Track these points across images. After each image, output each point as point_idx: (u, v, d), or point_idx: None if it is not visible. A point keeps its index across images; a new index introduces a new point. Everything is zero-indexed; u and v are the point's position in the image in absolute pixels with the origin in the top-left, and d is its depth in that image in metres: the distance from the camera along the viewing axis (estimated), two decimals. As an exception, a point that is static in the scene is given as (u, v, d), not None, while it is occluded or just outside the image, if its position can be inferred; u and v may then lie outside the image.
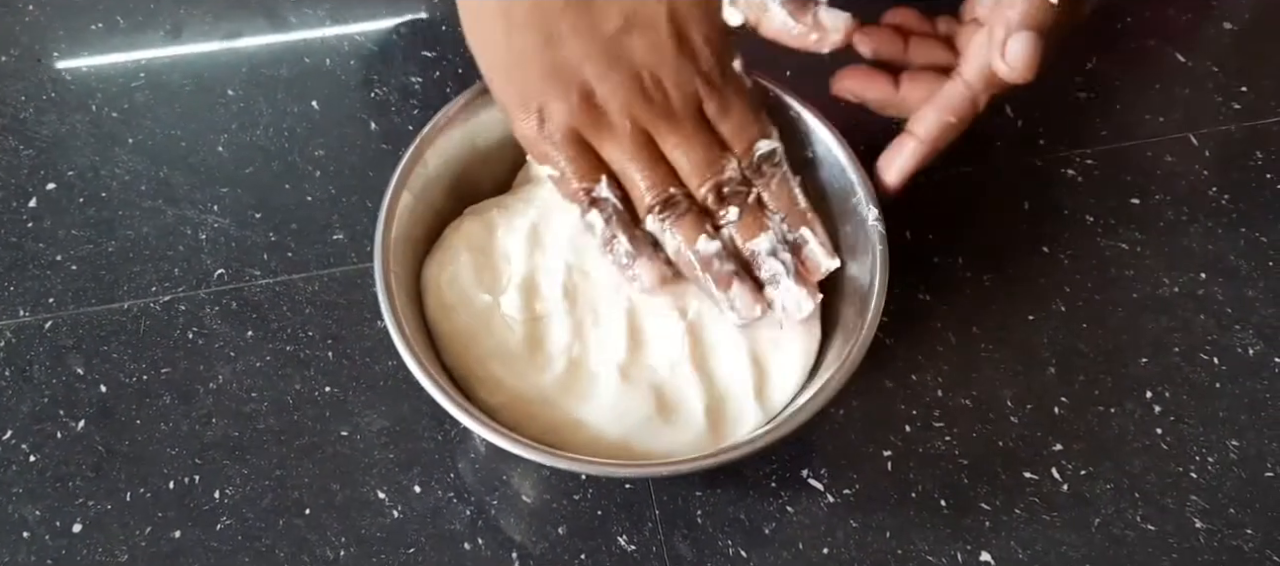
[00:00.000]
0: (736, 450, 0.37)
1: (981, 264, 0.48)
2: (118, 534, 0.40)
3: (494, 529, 0.41)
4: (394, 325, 0.37)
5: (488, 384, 0.39)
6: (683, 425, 0.39)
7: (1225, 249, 0.49)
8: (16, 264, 0.46)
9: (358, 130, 0.51)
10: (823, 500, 0.42)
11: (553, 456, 0.35)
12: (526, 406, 0.39)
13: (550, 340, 0.40)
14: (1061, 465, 0.43)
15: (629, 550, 0.41)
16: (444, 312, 0.40)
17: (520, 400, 0.39)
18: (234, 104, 0.51)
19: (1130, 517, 0.42)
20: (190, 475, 0.42)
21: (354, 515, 0.41)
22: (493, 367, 0.39)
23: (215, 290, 0.46)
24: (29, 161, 0.49)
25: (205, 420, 0.43)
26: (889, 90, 0.42)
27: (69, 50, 0.53)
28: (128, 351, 0.44)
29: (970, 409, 0.44)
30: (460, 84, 0.52)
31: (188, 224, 0.48)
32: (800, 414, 0.37)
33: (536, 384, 0.39)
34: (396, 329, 0.37)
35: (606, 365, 0.39)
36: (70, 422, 0.43)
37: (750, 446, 0.36)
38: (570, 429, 0.38)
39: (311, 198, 0.49)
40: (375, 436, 0.43)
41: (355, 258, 0.47)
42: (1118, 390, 0.45)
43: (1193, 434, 0.44)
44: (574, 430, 0.38)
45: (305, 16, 0.55)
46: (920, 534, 0.41)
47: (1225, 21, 0.57)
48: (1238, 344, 0.46)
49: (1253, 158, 0.52)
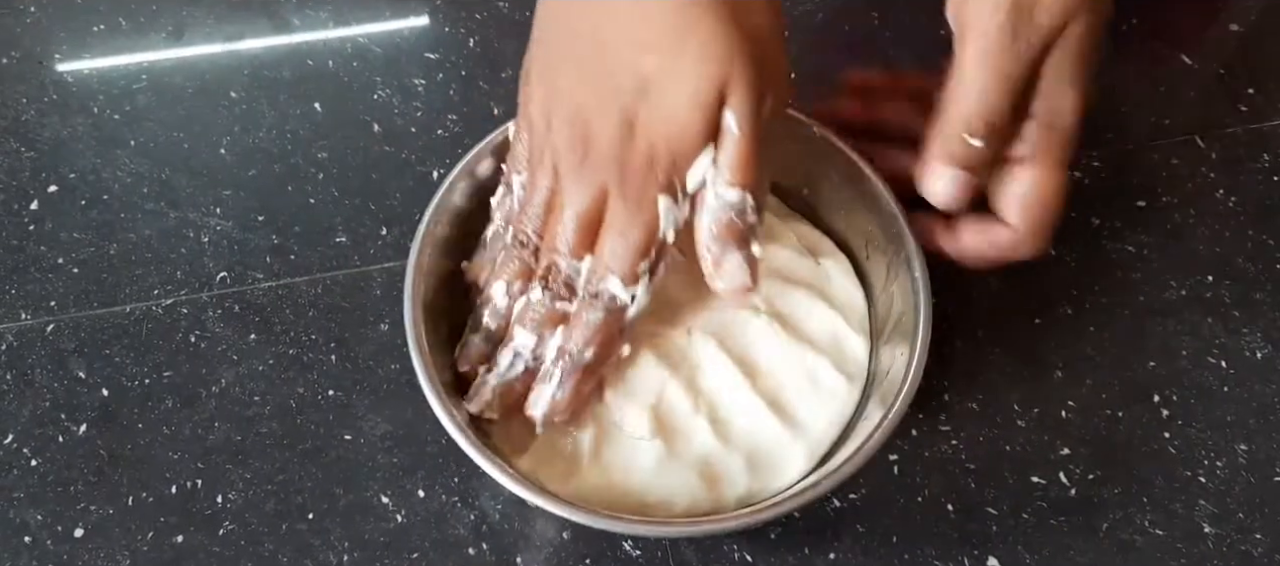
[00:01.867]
0: (776, 505, 0.36)
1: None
2: (119, 538, 0.40)
3: (497, 534, 0.41)
4: (423, 370, 0.37)
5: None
6: (726, 484, 0.38)
7: (1232, 251, 0.49)
8: (18, 267, 0.46)
9: (361, 132, 0.51)
10: (829, 505, 0.42)
11: (591, 516, 0.35)
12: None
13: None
14: (1069, 469, 0.43)
15: (634, 555, 0.40)
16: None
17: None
18: (236, 106, 0.51)
19: (1139, 522, 0.42)
20: (192, 479, 0.41)
21: (357, 520, 0.41)
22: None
23: (218, 293, 0.46)
24: (30, 164, 0.49)
25: (207, 424, 0.43)
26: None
27: (71, 52, 0.53)
28: (130, 355, 0.44)
29: (977, 413, 0.44)
30: (463, 86, 0.52)
31: (190, 226, 0.48)
32: (846, 468, 0.36)
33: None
34: (425, 375, 0.37)
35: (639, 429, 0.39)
36: (72, 426, 0.43)
37: (798, 499, 0.36)
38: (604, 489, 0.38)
39: (314, 200, 0.49)
40: (378, 440, 0.42)
41: (358, 260, 0.47)
42: (1125, 394, 0.45)
43: (1201, 438, 0.44)
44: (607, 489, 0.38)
45: (308, 18, 0.55)
46: (927, 538, 0.41)
47: (1232, 24, 0.57)
48: (1246, 347, 0.46)
49: (1259, 160, 0.52)
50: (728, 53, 0.34)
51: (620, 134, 0.35)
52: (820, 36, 0.38)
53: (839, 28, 0.55)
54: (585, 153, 0.36)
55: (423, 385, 0.36)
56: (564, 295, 0.37)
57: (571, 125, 0.36)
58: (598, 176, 0.36)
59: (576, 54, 0.36)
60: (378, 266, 0.47)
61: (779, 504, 0.36)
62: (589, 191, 0.36)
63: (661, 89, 0.34)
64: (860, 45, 0.55)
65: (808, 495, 0.36)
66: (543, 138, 0.37)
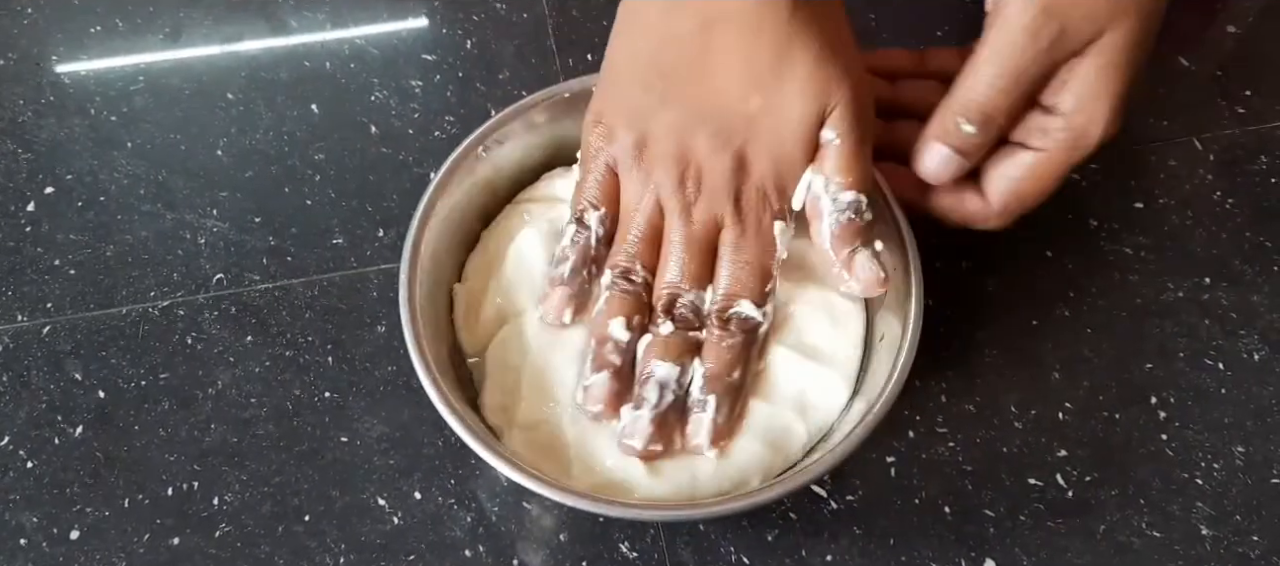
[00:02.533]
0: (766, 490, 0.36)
1: (985, 268, 0.47)
2: (116, 540, 0.40)
3: (495, 536, 0.41)
4: (422, 367, 0.37)
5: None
6: (790, 439, 0.39)
7: (1230, 253, 0.49)
8: (14, 268, 0.46)
9: (358, 134, 0.51)
10: (825, 506, 0.42)
11: (591, 502, 0.35)
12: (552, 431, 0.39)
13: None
14: (1066, 471, 0.43)
15: (631, 557, 0.40)
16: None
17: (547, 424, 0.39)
18: (233, 108, 0.51)
19: (1136, 524, 0.42)
20: (189, 481, 0.41)
21: (354, 521, 0.41)
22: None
23: (214, 295, 0.46)
24: (27, 165, 0.49)
25: (204, 426, 0.43)
26: (880, 131, 0.41)
27: (68, 54, 0.53)
28: (126, 356, 0.44)
29: (974, 414, 0.44)
30: (460, 87, 0.52)
31: (187, 228, 0.48)
32: (828, 457, 0.36)
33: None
34: (427, 377, 0.37)
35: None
36: (68, 428, 0.42)
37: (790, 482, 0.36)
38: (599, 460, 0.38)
39: (311, 202, 0.49)
40: (375, 442, 0.42)
41: (355, 262, 0.47)
42: (1122, 396, 0.45)
43: (1198, 440, 0.44)
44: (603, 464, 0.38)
45: (305, 20, 0.55)
46: (924, 540, 0.41)
47: (1229, 25, 0.57)
48: (1243, 349, 0.46)
49: (1257, 162, 0.52)
50: (825, 85, 0.37)
51: (733, 169, 0.38)
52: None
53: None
54: (697, 189, 0.38)
55: (423, 383, 0.36)
56: (694, 324, 0.38)
57: (679, 165, 0.38)
58: (712, 210, 0.38)
59: (676, 96, 0.38)
60: (374, 268, 0.47)
61: (784, 480, 0.37)
62: (703, 224, 0.38)
63: (769, 125, 0.37)
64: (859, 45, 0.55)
65: (816, 469, 0.36)
66: (638, 178, 0.39)
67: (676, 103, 0.38)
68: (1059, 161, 0.40)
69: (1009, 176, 0.40)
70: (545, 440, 0.38)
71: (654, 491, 0.37)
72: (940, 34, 0.55)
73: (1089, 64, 0.38)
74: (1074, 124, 0.39)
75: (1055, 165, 0.40)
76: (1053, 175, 0.40)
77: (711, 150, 0.38)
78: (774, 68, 0.37)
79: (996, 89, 0.38)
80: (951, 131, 0.39)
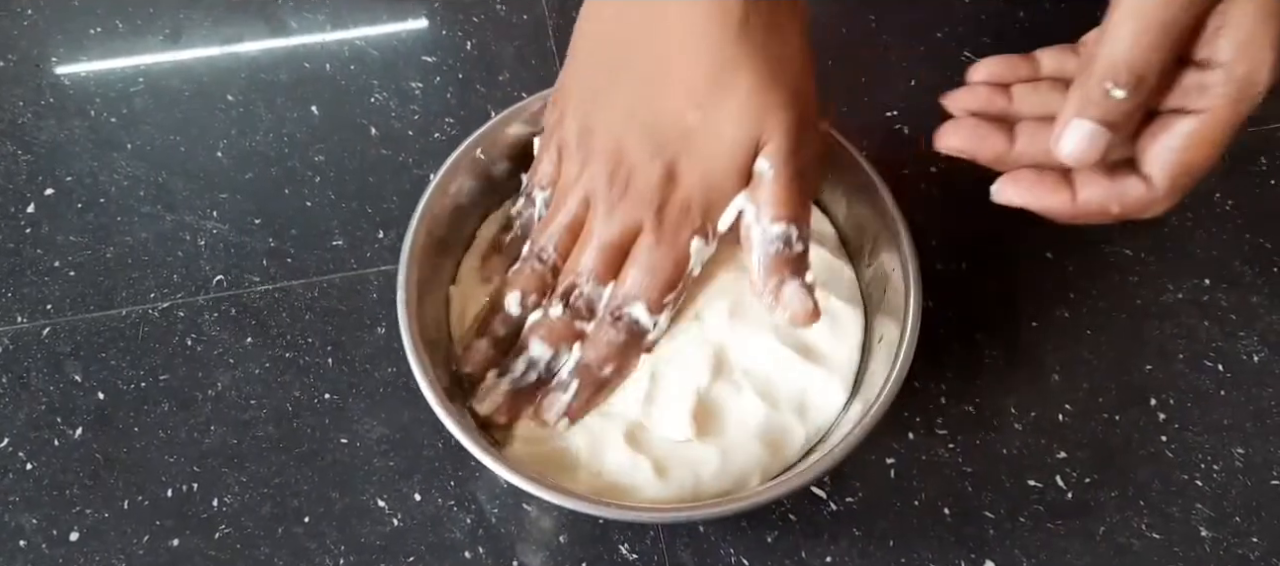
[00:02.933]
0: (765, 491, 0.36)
1: (985, 270, 0.48)
2: (115, 542, 0.40)
3: (494, 537, 0.41)
4: (419, 367, 0.37)
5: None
6: (787, 440, 0.39)
7: (1229, 255, 0.49)
8: (14, 270, 0.46)
9: (358, 135, 0.51)
10: (825, 508, 0.42)
11: (592, 504, 0.35)
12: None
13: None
14: (1066, 473, 0.43)
15: (631, 559, 0.40)
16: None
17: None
18: (233, 109, 0.51)
19: (1135, 526, 0.42)
20: (188, 483, 0.41)
21: (353, 523, 0.41)
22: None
23: (214, 296, 0.46)
24: (27, 167, 0.49)
25: (204, 427, 0.43)
26: (1004, 146, 0.36)
27: (68, 55, 0.53)
28: (126, 358, 0.44)
29: (973, 416, 0.44)
30: (460, 89, 0.52)
31: (186, 230, 0.48)
32: (826, 459, 0.36)
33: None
34: (425, 379, 0.37)
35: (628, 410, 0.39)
36: (68, 430, 0.42)
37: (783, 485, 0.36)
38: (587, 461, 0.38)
39: (311, 203, 0.49)
40: (375, 444, 0.42)
41: (355, 263, 0.47)
42: (1122, 397, 0.45)
43: (1198, 441, 0.44)
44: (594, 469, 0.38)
45: (305, 21, 0.55)
46: (923, 542, 0.41)
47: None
48: (1242, 350, 0.46)
49: (1257, 163, 0.52)
50: (762, 111, 0.36)
51: (661, 179, 0.37)
52: (817, 39, 0.38)
53: (836, 31, 0.55)
54: (624, 191, 0.38)
55: (421, 385, 0.36)
56: (584, 315, 0.39)
57: (611, 162, 0.38)
58: (634, 214, 0.38)
59: (621, 92, 0.38)
60: (374, 270, 0.47)
61: (786, 481, 0.37)
62: (622, 225, 0.38)
63: (703, 143, 0.37)
64: (858, 47, 0.55)
65: (815, 470, 0.36)
66: (577, 165, 0.39)
67: (622, 100, 0.38)
68: (1225, 119, 0.34)
69: (1172, 148, 0.34)
70: (546, 444, 0.38)
71: (657, 494, 0.37)
72: (940, 35, 0.55)
73: (1242, 6, 0.33)
74: (1236, 73, 0.33)
75: (1222, 124, 0.34)
76: (1222, 136, 0.34)
77: (645, 156, 0.37)
78: (713, 85, 0.36)
79: (1144, 44, 0.33)
80: (1097, 100, 0.34)
